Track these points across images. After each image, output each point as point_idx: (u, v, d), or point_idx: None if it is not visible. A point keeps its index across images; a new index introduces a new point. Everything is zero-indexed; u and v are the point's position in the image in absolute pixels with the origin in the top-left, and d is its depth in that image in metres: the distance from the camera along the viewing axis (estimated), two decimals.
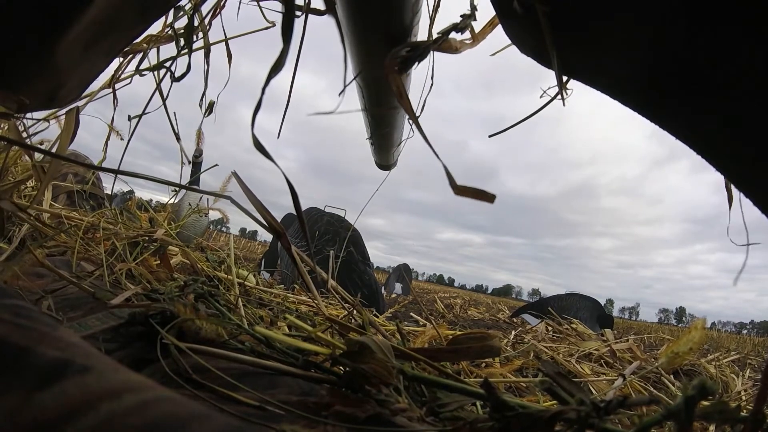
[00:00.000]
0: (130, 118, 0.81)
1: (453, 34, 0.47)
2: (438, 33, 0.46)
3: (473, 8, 0.48)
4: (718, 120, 0.29)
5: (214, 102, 0.81)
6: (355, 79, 0.64)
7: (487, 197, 0.29)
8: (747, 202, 0.32)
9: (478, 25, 0.49)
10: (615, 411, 0.23)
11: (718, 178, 0.37)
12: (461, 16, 0.48)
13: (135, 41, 0.62)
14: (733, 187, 0.42)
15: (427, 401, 0.36)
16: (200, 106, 0.81)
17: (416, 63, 0.45)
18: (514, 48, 0.42)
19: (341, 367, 0.38)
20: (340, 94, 0.36)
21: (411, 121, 0.78)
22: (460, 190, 0.30)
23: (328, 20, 0.32)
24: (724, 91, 0.27)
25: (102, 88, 0.81)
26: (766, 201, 0.29)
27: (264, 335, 0.43)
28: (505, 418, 0.25)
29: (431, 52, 0.45)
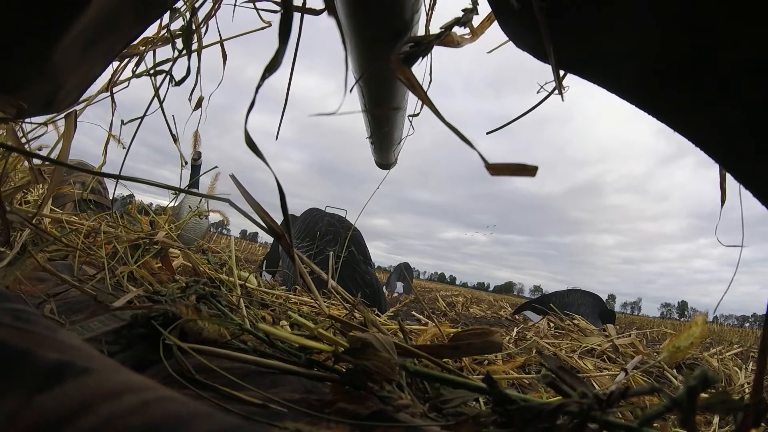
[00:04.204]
0: (123, 123, 0.81)
1: (455, 28, 0.46)
2: (441, 27, 0.46)
3: (475, 2, 0.48)
4: (717, 112, 0.29)
5: (203, 97, 0.81)
6: (358, 81, 0.64)
7: (528, 171, 0.26)
8: (746, 196, 0.31)
9: (476, 21, 0.49)
10: (617, 403, 0.23)
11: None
12: (463, 10, 0.47)
13: (132, 44, 0.62)
14: (728, 184, 0.42)
15: (430, 397, 0.36)
16: (189, 101, 0.81)
17: (420, 58, 0.44)
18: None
19: (344, 365, 0.38)
20: (348, 91, 0.35)
21: (418, 115, 0.78)
22: (496, 169, 0.27)
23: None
24: (724, 83, 0.27)
25: (100, 92, 0.81)
26: (766, 192, 0.29)
27: (266, 332, 0.43)
28: (508, 411, 0.25)
29: (433, 47, 0.45)
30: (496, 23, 0.48)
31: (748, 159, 0.30)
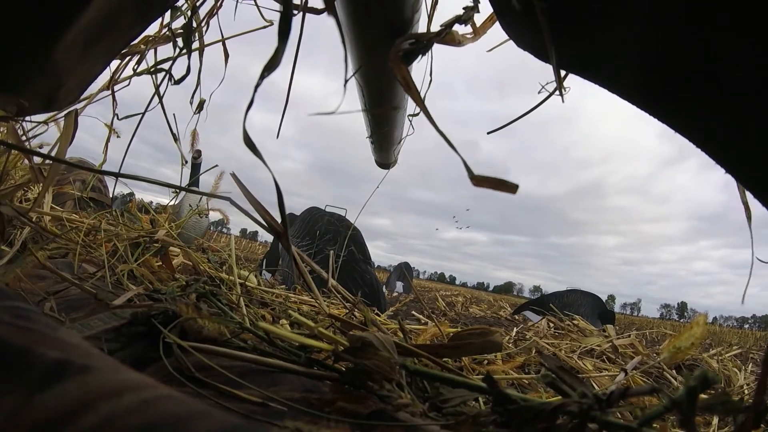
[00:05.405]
0: (119, 118, 0.81)
1: (456, 26, 0.46)
2: (441, 25, 0.46)
3: (476, 0, 0.47)
4: (717, 114, 0.29)
5: (204, 100, 0.81)
6: (354, 74, 0.64)
7: (508, 187, 0.27)
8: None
9: (478, 20, 0.49)
10: (617, 403, 0.23)
11: (725, 175, 0.37)
12: (464, 8, 0.47)
13: (133, 42, 0.62)
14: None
15: (429, 397, 0.36)
16: (191, 103, 0.81)
17: (419, 56, 0.44)
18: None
19: (344, 364, 0.38)
20: (344, 90, 0.35)
21: (418, 114, 0.78)
22: (479, 181, 0.28)
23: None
24: (724, 86, 0.27)
25: (101, 90, 0.81)
26: (766, 194, 0.29)
27: (266, 331, 0.43)
28: (508, 411, 0.25)
29: (433, 45, 0.45)
30: (497, 24, 0.48)
31: (749, 159, 0.30)
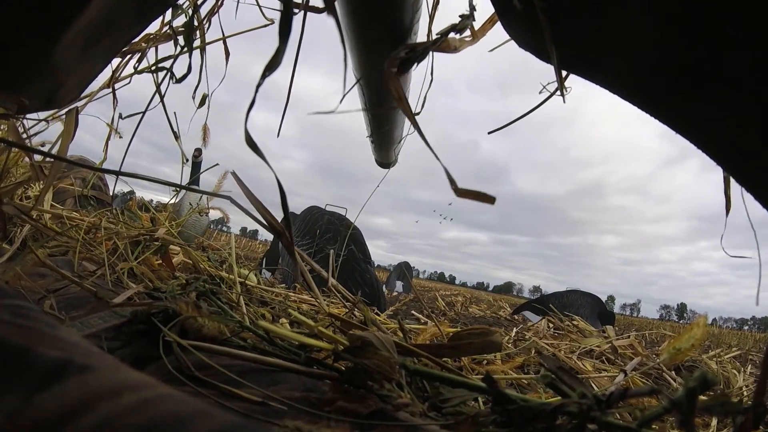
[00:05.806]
0: (122, 117, 0.81)
1: (452, 34, 0.47)
2: (437, 33, 0.46)
3: (472, 8, 0.48)
4: (718, 114, 0.29)
5: (207, 94, 0.81)
6: (358, 82, 0.64)
7: (488, 199, 0.30)
8: (748, 197, 0.31)
9: (477, 22, 0.49)
10: (617, 403, 0.23)
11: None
12: (460, 16, 0.48)
13: (134, 41, 0.62)
14: (732, 187, 0.42)
15: (429, 396, 0.36)
16: (193, 98, 0.81)
17: (415, 64, 0.45)
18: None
19: (344, 363, 0.38)
20: (345, 93, 0.36)
21: (418, 114, 0.78)
22: (461, 192, 0.31)
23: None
24: (725, 86, 0.27)
25: (101, 89, 0.81)
26: (766, 194, 0.29)
27: (266, 330, 0.43)
28: (507, 411, 0.25)
29: (429, 52, 0.45)
30: (497, 25, 0.48)
31: (750, 160, 0.29)
